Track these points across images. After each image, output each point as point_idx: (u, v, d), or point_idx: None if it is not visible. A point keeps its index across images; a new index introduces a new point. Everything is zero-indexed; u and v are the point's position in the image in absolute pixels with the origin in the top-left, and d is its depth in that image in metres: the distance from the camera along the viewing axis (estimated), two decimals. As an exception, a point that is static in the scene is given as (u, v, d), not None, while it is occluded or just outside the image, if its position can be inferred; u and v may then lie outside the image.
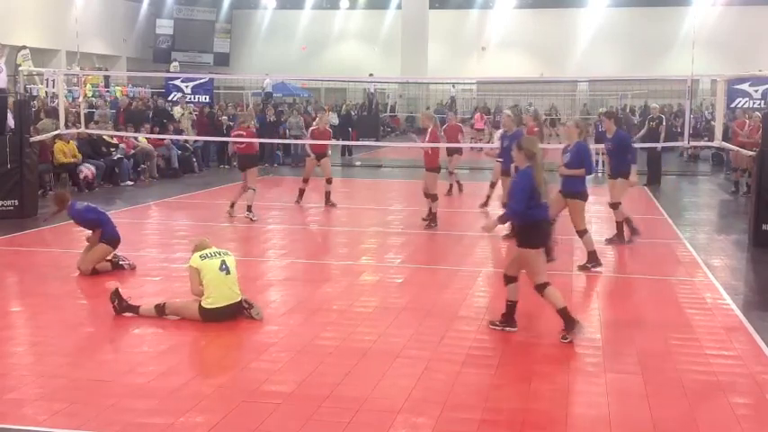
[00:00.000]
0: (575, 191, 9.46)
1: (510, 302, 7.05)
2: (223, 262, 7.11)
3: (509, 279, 7.03)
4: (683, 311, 7.82)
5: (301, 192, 14.73)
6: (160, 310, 7.20)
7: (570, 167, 9.47)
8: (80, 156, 15.95)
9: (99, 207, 9.58)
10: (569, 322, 6.71)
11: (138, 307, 7.29)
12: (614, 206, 11.16)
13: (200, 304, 7.05)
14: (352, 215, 14.02)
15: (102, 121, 19.41)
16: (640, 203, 15.83)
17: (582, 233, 9.60)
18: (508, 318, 7.06)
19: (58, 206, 9.23)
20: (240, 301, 7.19)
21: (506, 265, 7.33)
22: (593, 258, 9.53)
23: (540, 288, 6.81)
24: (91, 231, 9.04)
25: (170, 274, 9.17)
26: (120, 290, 7.43)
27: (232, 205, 13.21)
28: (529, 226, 6.79)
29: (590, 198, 9.87)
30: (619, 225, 11.19)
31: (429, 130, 12.59)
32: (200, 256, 7.14)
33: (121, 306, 7.29)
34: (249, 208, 12.91)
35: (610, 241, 11.07)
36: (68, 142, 15.72)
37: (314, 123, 15.40)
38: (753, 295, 8.75)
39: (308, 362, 6.17)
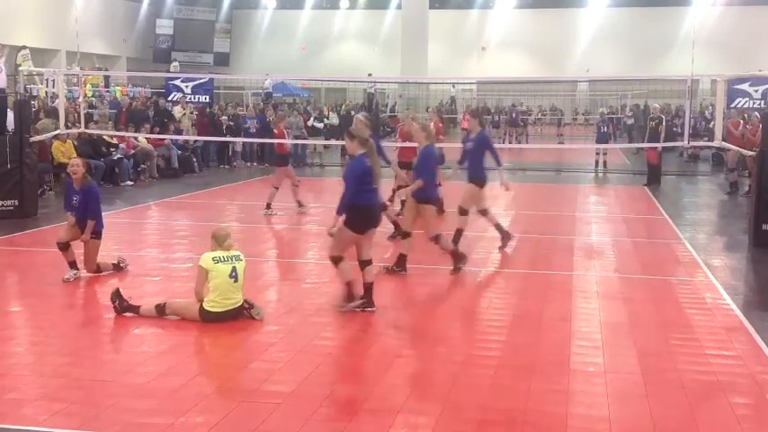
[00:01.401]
0: (423, 196, 8.94)
1: (367, 284, 7.48)
2: (234, 269, 7.07)
3: (364, 263, 7.49)
4: (683, 311, 7.82)
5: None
6: (160, 310, 7.20)
7: (417, 171, 9.06)
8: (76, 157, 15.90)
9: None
10: (350, 297, 7.43)
11: (139, 307, 7.29)
12: (461, 212, 10.14)
13: (201, 306, 7.04)
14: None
15: (102, 121, 19.41)
16: (641, 203, 15.84)
17: (435, 239, 9.09)
18: (368, 299, 7.45)
19: (87, 171, 8.92)
20: (241, 304, 7.18)
21: (359, 252, 7.59)
22: (459, 259, 9.03)
23: (335, 260, 7.45)
24: (74, 218, 8.82)
25: (170, 274, 9.18)
26: (120, 290, 7.43)
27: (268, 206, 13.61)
28: (357, 208, 7.28)
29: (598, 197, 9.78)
30: (457, 233, 10.02)
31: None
32: (213, 259, 7.08)
33: (122, 306, 7.29)
34: (268, 205, 13.54)
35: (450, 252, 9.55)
36: (65, 142, 15.68)
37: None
38: (753, 295, 8.75)
39: (308, 362, 6.17)
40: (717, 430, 5.13)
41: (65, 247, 8.80)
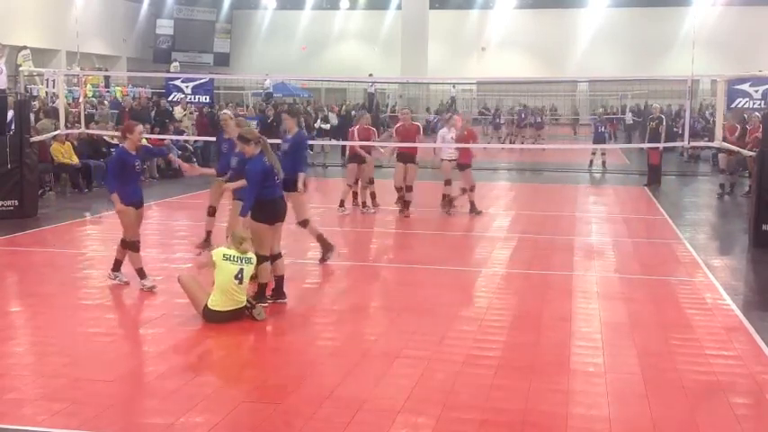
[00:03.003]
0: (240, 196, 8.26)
1: (278, 277, 7.79)
2: (240, 271, 7.09)
3: (274, 257, 7.77)
4: (683, 311, 7.82)
5: (354, 194, 14.32)
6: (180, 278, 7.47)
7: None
8: (76, 159, 15.86)
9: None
10: (261, 296, 7.62)
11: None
12: (303, 224, 9.55)
13: (206, 305, 7.05)
14: (351, 215, 14.00)
15: (103, 121, 19.41)
16: (641, 203, 15.84)
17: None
18: (278, 291, 7.75)
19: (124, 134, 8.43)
20: (244, 305, 7.18)
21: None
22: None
23: (263, 259, 7.55)
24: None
25: (170, 274, 9.15)
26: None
27: (363, 204, 14.01)
28: (263, 203, 7.54)
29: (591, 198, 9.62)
30: (320, 238, 9.73)
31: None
32: (224, 255, 7.10)
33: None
34: (342, 203, 13.87)
35: (322, 260, 9.61)
36: (64, 143, 15.65)
37: (358, 122, 14.75)
38: (753, 295, 8.76)
39: (309, 362, 6.17)
40: (717, 430, 5.13)
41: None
